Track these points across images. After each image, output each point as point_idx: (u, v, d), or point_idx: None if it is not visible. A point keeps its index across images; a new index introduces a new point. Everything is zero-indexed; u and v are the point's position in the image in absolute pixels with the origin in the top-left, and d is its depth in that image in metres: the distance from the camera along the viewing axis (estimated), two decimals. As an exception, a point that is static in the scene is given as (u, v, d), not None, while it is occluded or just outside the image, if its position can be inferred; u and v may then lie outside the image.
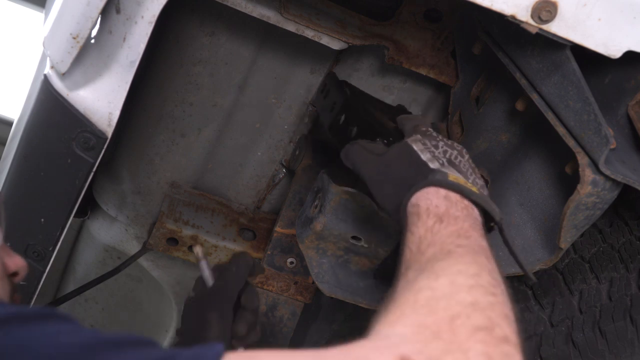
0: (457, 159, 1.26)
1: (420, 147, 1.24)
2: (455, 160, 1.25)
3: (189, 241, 2.08)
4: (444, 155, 1.25)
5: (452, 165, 1.23)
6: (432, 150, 1.24)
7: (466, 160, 1.28)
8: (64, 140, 1.39)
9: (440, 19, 1.68)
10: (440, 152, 1.25)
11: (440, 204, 1.14)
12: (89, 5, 1.24)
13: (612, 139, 1.24)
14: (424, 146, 1.25)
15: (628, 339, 1.40)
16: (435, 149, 1.25)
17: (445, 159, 1.24)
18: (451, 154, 1.26)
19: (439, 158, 1.23)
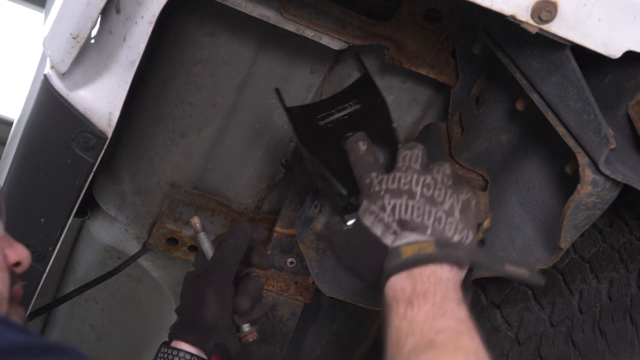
0: (408, 208, 1.21)
1: (371, 221, 1.21)
2: (407, 213, 1.20)
3: (189, 241, 2.08)
4: (394, 216, 1.20)
5: (404, 225, 1.20)
6: (382, 218, 1.21)
7: (419, 196, 1.21)
8: (64, 140, 1.39)
9: (440, 19, 1.68)
10: (388, 213, 1.21)
11: (405, 286, 1.12)
12: (89, 5, 1.24)
13: (612, 139, 1.24)
14: (373, 217, 1.21)
15: (628, 339, 1.40)
16: (383, 211, 1.21)
17: (396, 220, 1.20)
18: (400, 206, 1.21)
19: (390, 225, 1.20)
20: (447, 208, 1.20)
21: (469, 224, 1.20)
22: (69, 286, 2.62)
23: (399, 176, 1.24)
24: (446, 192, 1.22)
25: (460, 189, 1.24)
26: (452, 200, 1.21)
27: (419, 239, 1.16)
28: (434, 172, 1.24)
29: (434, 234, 1.18)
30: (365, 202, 1.23)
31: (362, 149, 1.31)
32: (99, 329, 2.84)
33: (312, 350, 2.26)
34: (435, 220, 1.19)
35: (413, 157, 1.26)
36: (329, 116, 1.45)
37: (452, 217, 1.19)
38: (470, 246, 1.18)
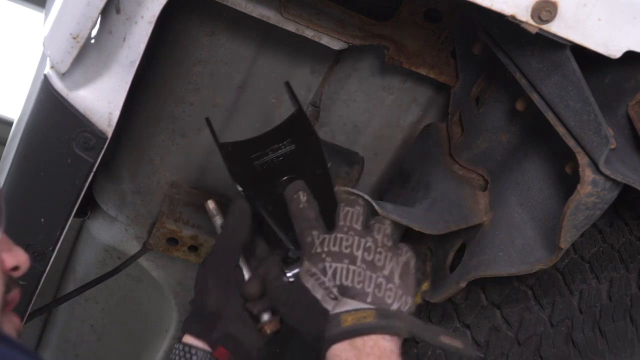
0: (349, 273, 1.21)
1: (312, 283, 1.21)
2: (347, 279, 1.20)
3: (189, 241, 2.08)
4: (334, 281, 1.20)
5: (345, 291, 1.19)
6: (322, 282, 1.20)
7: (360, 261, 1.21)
8: (64, 140, 1.39)
9: (440, 19, 1.68)
10: (329, 277, 1.20)
11: (349, 357, 1.13)
12: (89, 5, 1.24)
13: (612, 139, 1.24)
14: (314, 279, 1.21)
15: (628, 339, 1.40)
16: (324, 274, 1.20)
17: (337, 285, 1.20)
18: (341, 271, 1.21)
19: (330, 290, 1.20)
20: (387, 273, 1.21)
21: (408, 289, 1.21)
22: (69, 286, 2.62)
23: (340, 238, 1.24)
24: (386, 256, 1.23)
25: (400, 250, 1.24)
26: (392, 265, 1.22)
27: (359, 307, 1.17)
28: (374, 232, 1.25)
29: (374, 301, 1.18)
30: (307, 263, 1.23)
31: (302, 200, 1.29)
32: (99, 329, 2.83)
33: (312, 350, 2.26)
34: (375, 287, 1.20)
35: (354, 215, 1.27)
36: (264, 156, 1.40)
37: (391, 283, 1.20)
38: (408, 316, 1.19)
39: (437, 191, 1.68)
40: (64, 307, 2.71)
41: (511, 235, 1.55)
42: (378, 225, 1.26)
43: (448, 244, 1.74)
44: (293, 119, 1.39)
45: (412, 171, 1.83)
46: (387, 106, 1.92)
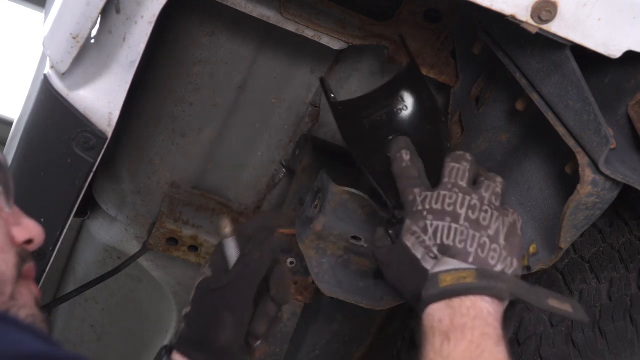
0: (451, 232, 1.17)
1: (412, 242, 1.18)
2: (449, 238, 1.16)
3: (189, 241, 2.08)
4: (435, 239, 1.17)
5: (445, 250, 1.16)
6: (423, 240, 1.17)
7: (463, 220, 1.17)
8: (64, 140, 1.39)
9: (440, 19, 1.68)
10: (430, 235, 1.17)
11: (443, 317, 1.09)
12: (89, 5, 1.24)
13: (612, 139, 1.24)
14: (415, 237, 1.18)
15: (628, 339, 1.40)
16: (425, 233, 1.17)
17: (437, 244, 1.17)
18: (443, 229, 1.17)
19: (431, 249, 1.17)
20: (492, 233, 1.16)
21: (514, 251, 1.17)
22: (69, 286, 2.62)
23: (444, 195, 1.20)
24: (492, 215, 1.18)
25: (507, 211, 1.20)
26: (498, 225, 1.18)
27: (459, 266, 1.13)
28: (482, 190, 1.20)
29: (476, 261, 1.14)
30: (408, 221, 1.19)
31: (406, 159, 1.27)
32: (99, 329, 2.83)
33: (312, 350, 2.26)
34: (478, 246, 1.15)
35: (460, 172, 1.22)
36: (373, 113, 1.37)
37: (496, 244, 1.16)
38: (512, 278, 1.14)
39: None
40: (64, 307, 2.71)
41: (511, 235, 1.55)
42: (488, 182, 1.22)
43: (448, 244, 1.74)
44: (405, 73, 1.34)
45: (412, 171, 1.83)
46: (387, 106, 1.92)
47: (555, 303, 1.13)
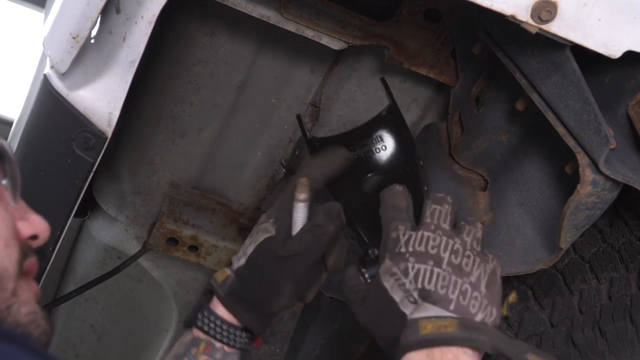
0: (433, 276, 1.13)
1: (391, 283, 1.13)
2: (430, 283, 1.12)
3: (189, 241, 2.08)
4: (416, 283, 1.12)
5: (426, 296, 1.12)
6: (403, 283, 1.13)
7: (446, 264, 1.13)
8: (64, 140, 1.39)
9: (440, 19, 1.68)
10: (411, 279, 1.13)
11: None
12: (89, 5, 1.24)
13: (612, 139, 1.24)
14: (394, 279, 1.14)
15: (628, 339, 1.39)
16: (406, 276, 1.13)
17: (418, 288, 1.12)
18: (425, 273, 1.13)
19: (410, 293, 1.12)
20: (473, 280, 1.13)
21: (494, 300, 1.14)
22: (69, 286, 2.62)
23: (427, 236, 1.16)
24: (474, 261, 1.15)
25: (487, 257, 1.18)
26: (479, 272, 1.14)
27: (440, 314, 1.09)
28: (464, 234, 1.18)
29: (457, 309, 1.11)
30: (388, 262, 1.16)
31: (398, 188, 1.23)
32: (99, 329, 2.83)
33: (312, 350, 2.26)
34: (460, 293, 1.12)
35: (442, 214, 1.19)
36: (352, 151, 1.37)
37: (477, 292, 1.12)
38: (492, 330, 1.11)
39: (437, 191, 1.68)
40: (64, 307, 2.71)
41: (511, 235, 1.55)
42: (469, 227, 1.19)
43: (448, 244, 1.74)
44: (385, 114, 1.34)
45: (412, 171, 1.83)
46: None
47: (534, 358, 1.09)
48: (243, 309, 1.28)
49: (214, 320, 1.28)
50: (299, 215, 1.26)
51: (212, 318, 1.28)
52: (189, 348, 1.29)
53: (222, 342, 1.28)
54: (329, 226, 1.25)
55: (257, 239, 1.28)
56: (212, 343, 1.29)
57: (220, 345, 1.29)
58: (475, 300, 1.12)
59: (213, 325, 1.28)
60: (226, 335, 1.28)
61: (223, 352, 1.29)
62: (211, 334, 1.28)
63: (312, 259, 1.25)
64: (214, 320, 1.28)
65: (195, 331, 1.30)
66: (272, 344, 2.16)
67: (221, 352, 1.29)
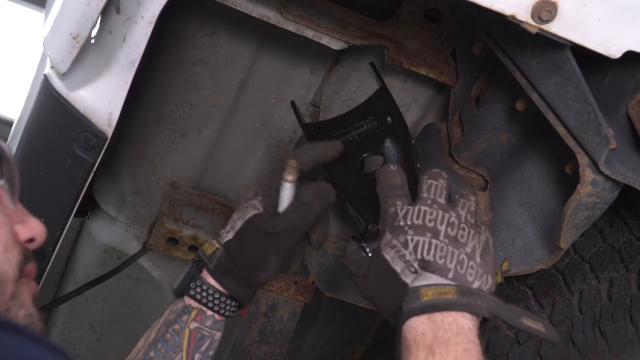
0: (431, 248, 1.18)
1: (392, 255, 1.19)
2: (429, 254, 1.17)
3: (189, 241, 2.08)
4: (416, 254, 1.18)
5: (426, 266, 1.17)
6: (403, 254, 1.18)
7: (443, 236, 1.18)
8: (64, 140, 1.39)
9: (440, 19, 1.68)
10: (411, 250, 1.18)
11: (426, 331, 1.11)
12: (89, 5, 1.24)
13: (612, 139, 1.24)
14: (394, 251, 1.19)
15: (628, 339, 1.40)
16: (405, 248, 1.18)
17: (417, 259, 1.17)
18: (423, 244, 1.18)
19: (411, 264, 1.17)
20: (469, 250, 1.18)
21: (489, 268, 1.19)
22: (69, 286, 2.62)
23: (424, 210, 1.21)
24: (469, 233, 1.20)
25: (480, 229, 1.23)
26: (474, 242, 1.20)
27: (440, 282, 1.14)
28: (459, 208, 1.23)
29: (455, 278, 1.16)
30: (388, 235, 1.21)
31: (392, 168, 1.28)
32: (99, 329, 2.84)
33: (312, 350, 2.26)
34: (457, 263, 1.17)
35: (438, 189, 1.24)
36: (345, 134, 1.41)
37: (473, 261, 1.18)
38: (489, 295, 1.16)
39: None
40: (64, 307, 2.72)
41: (511, 235, 1.55)
42: (463, 201, 1.24)
43: (448, 244, 1.74)
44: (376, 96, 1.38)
45: (412, 171, 1.83)
46: (387, 106, 1.92)
47: (528, 322, 1.15)
48: (231, 281, 1.35)
49: (207, 289, 1.35)
50: (286, 194, 1.33)
51: (204, 287, 1.35)
52: (180, 315, 1.36)
53: (212, 310, 1.36)
54: (315, 205, 1.32)
55: (245, 214, 1.35)
56: (204, 311, 1.36)
57: (211, 313, 1.36)
58: (471, 269, 1.17)
59: (205, 294, 1.35)
60: (217, 304, 1.35)
61: (213, 320, 1.36)
62: (203, 302, 1.35)
63: (298, 235, 1.33)
64: (207, 289, 1.35)
65: (187, 299, 1.36)
66: (272, 344, 2.16)
67: (211, 320, 1.36)
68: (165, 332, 1.35)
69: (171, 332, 1.35)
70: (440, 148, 1.76)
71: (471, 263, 1.18)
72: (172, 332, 1.35)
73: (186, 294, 1.36)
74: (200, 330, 1.36)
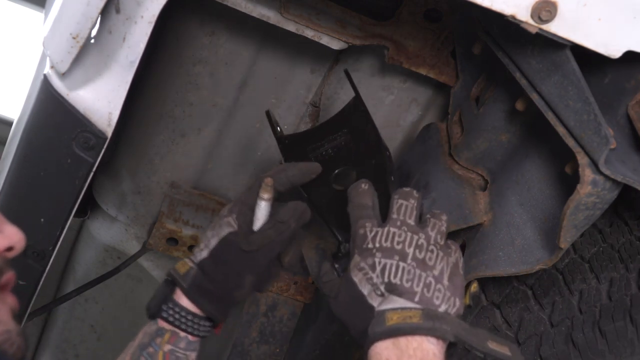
0: (399, 271, 1.18)
1: (359, 278, 1.19)
2: (396, 277, 1.17)
3: (189, 241, 2.08)
4: (383, 277, 1.17)
5: (392, 289, 1.17)
6: (370, 277, 1.18)
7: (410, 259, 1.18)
8: (64, 140, 1.39)
9: (440, 19, 1.68)
10: (378, 273, 1.18)
11: (390, 356, 1.11)
12: (89, 5, 1.24)
13: (612, 139, 1.24)
14: (362, 274, 1.19)
15: (628, 339, 1.40)
16: (373, 270, 1.18)
17: (384, 282, 1.17)
18: (391, 267, 1.18)
19: (378, 287, 1.17)
20: (436, 273, 1.18)
21: (456, 291, 1.19)
22: (69, 286, 2.62)
23: (393, 232, 1.21)
24: (437, 255, 1.20)
25: (450, 250, 1.22)
26: (442, 265, 1.19)
27: (405, 305, 1.15)
28: (428, 229, 1.22)
29: (422, 301, 1.16)
30: (357, 257, 1.21)
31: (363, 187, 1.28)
32: (99, 329, 2.83)
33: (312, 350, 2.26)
34: (424, 286, 1.17)
35: (409, 209, 1.24)
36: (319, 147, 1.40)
37: (440, 284, 1.18)
38: (455, 319, 1.16)
39: (437, 191, 1.68)
40: (64, 307, 2.72)
41: (511, 235, 1.55)
42: (434, 221, 1.23)
43: (448, 244, 1.74)
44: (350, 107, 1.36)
45: (412, 171, 1.83)
46: (387, 106, 1.92)
47: (494, 346, 1.15)
48: (206, 300, 1.33)
49: (179, 311, 1.33)
50: (262, 213, 1.32)
51: (176, 309, 1.34)
52: (154, 338, 1.34)
53: (186, 332, 1.34)
54: (291, 223, 1.31)
55: (219, 232, 1.33)
56: (177, 333, 1.34)
57: (185, 334, 1.34)
58: (438, 292, 1.17)
59: (178, 316, 1.33)
60: (190, 325, 1.34)
61: (187, 341, 1.34)
62: (176, 325, 1.33)
63: (274, 253, 1.32)
64: (179, 312, 1.33)
65: (160, 322, 1.35)
66: (272, 344, 2.16)
67: (185, 341, 1.34)
68: (140, 356, 1.33)
69: (145, 355, 1.33)
70: (440, 148, 1.76)
71: (438, 286, 1.17)
72: (147, 356, 1.33)
73: (158, 316, 1.35)
74: (175, 352, 1.33)
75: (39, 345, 2.94)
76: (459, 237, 1.69)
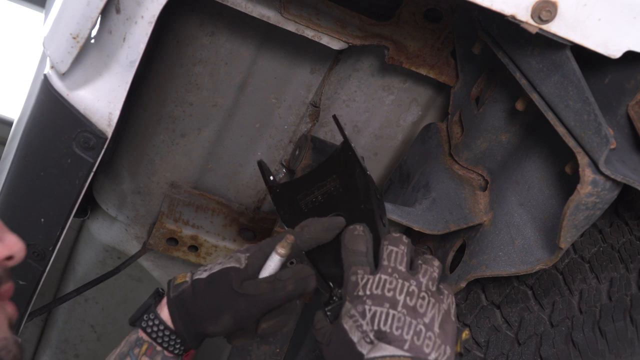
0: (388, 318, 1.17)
1: (350, 325, 1.19)
2: (386, 325, 1.17)
3: (189, 241, 2.08)
4: (372, 325, 1.17)
5: (382, 336, 1.16)
6: (360, 325, 1.17)
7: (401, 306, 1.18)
8: (64, 140, 1.39)
9: (440, 19, 1.68)
10: (368, 321, 1.17)
11: None
12: (89, 5, 1.24)
13: (612, 139, 1.24)
14: (352, 321, 1.19)
15: (628, 339, 1.40)
16: (363, 318, 1.17)
17: (374, 330, 1.17)
18: (380, 315, 1.17)
19: (367, 334, 1.17)
20: (427, 321, 1.18)
21: (447, 339, 1.18)
22: (69, 286, 2.62)
23: (384, 280, 1.20)
24: (429, 302, 1.19)
25: (442, 295, 1.22)
26: (433, 312, 1.19)
27: (395, 353, 1.14)
28: (420, 275, 1.22)
29: (411, 349, 1.15)
30: (348, 304, 1.21)
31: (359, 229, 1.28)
32: (99, 329, 2.83)
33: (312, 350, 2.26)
34: (414, 334, 1.16)
35: (399, 255, 1.23)
36: (310, 195, 1.39)
37: (431, 332, 1.17)
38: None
39: (437, 191, 1.68)
40: (64, 307, 2.71)
41: (511, 235, 1.55)
42: (425, 267, 1.23)
43: (448, 244, 1.74)
44: (338, 152, 1.37)
45: (412, 171, 1.83)
46: (387, 106, 1.92)
47: None
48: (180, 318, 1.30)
49: (158, 324, 1.31)
50: (272, 265, 1.31)
51: (156, 322, 1.31)
52: (132, 348, 1.32)
53: (162, 347, 1.31)
54: (288, 284, 1.28)
55: (226, 262, 1.32)
56: (154, 346, 1.31)
57: (161, 349, 1.31)
58: (429, 340, 1.17)
59: (156, 329, 1.31)
60: (167, 341, 1.31)
61: (163, 355, 1.32)
62: (153, 337, 1.31)
63: (260, 306, 1.28)
64: (158, 325, 1.31)
65: (140, 332, 1.33)
66: (272, 344, 2.16)
67: (161, 355, 1.31)
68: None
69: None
70: (440, 148, 1.76)
71: (429, 334, 1.17)
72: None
73: (138, 325, 1.32)
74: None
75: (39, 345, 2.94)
76: (458, 237, 1.69)
